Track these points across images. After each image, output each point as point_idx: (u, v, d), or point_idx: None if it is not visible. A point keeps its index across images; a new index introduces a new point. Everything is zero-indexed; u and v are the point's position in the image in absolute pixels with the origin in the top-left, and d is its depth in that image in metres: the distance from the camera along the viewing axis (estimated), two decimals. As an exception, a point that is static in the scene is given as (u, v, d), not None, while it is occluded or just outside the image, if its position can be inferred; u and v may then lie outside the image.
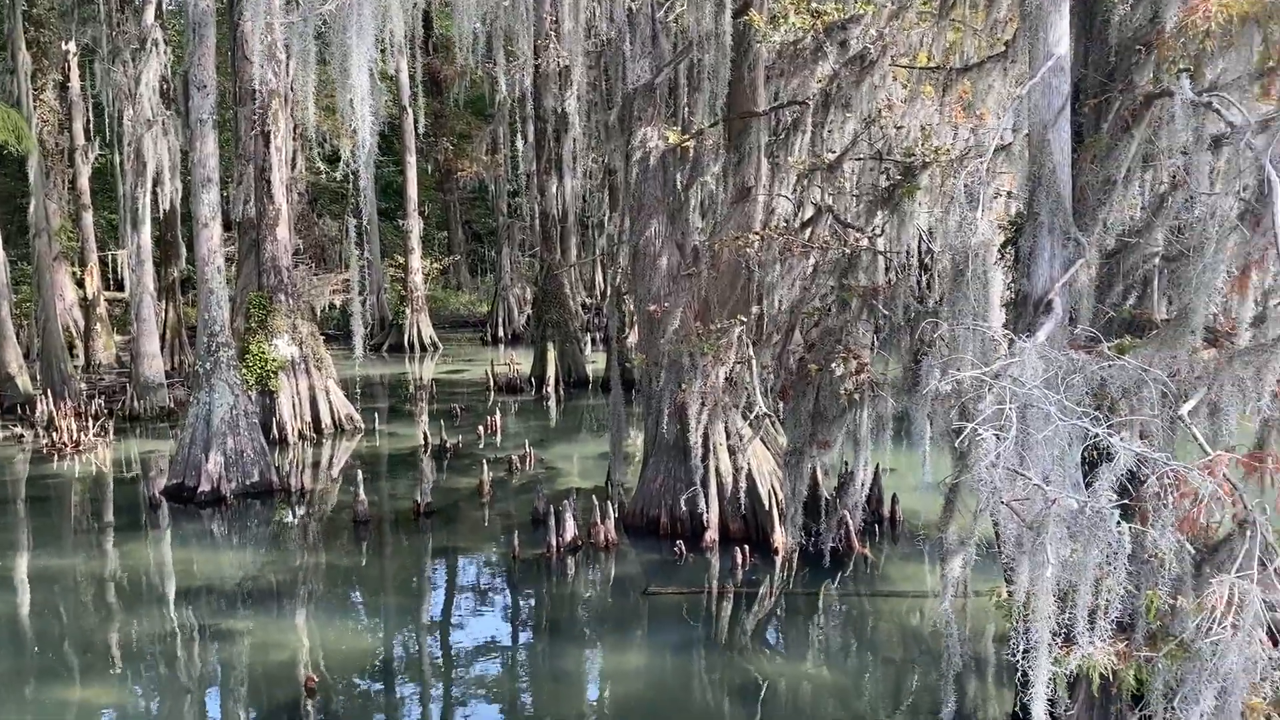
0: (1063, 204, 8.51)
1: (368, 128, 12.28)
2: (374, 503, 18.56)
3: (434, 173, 48.34)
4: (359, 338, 28.26)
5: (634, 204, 16.00)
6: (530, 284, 41.20)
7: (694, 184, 16.48)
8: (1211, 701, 7.09)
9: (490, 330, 42.75)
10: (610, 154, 19.43)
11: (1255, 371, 7.13)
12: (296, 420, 24.12)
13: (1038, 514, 5.99)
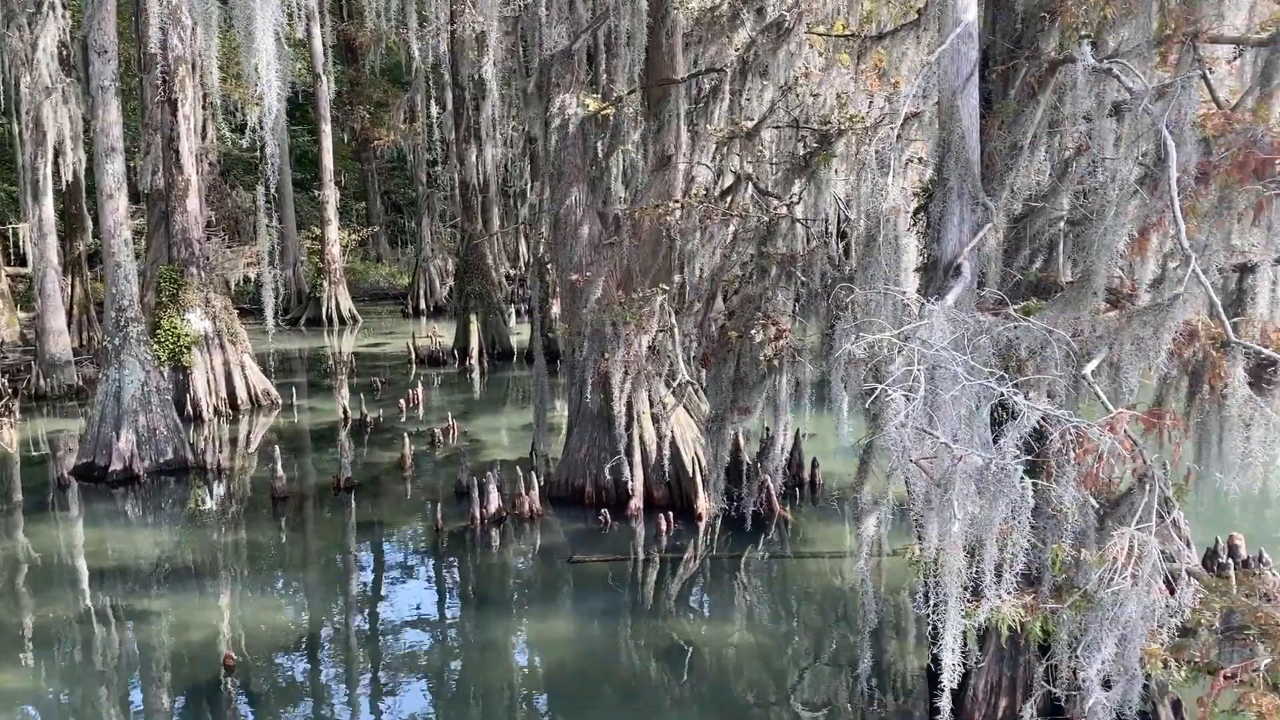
0: (971, 170, 8.67)
1: (274, 93, 11.95)
2: (293, 479, 18.26)
3: (350, 142, 47.33)
4: (270, 309, 27.63)
5: (554, 172, 15.89)
6: (452, 255, 40.69)
7: (614, 152, 16.41)
8: (1112, 649, 7.40)
9: (411, 302, 42.18)
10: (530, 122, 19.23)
11: (1154, 331, 7.39)
12: (211, 396, 23.57)
13: (945, 471, 6.15)
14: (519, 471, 16.32)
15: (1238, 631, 8.07)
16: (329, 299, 39.73)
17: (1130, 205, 8.33)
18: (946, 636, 6.52)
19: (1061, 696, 8.22)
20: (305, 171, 47.04)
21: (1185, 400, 8.88)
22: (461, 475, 17.16)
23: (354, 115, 45.01)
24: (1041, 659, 8.47)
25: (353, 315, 40.08)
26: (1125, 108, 7.76)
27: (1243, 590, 8.26)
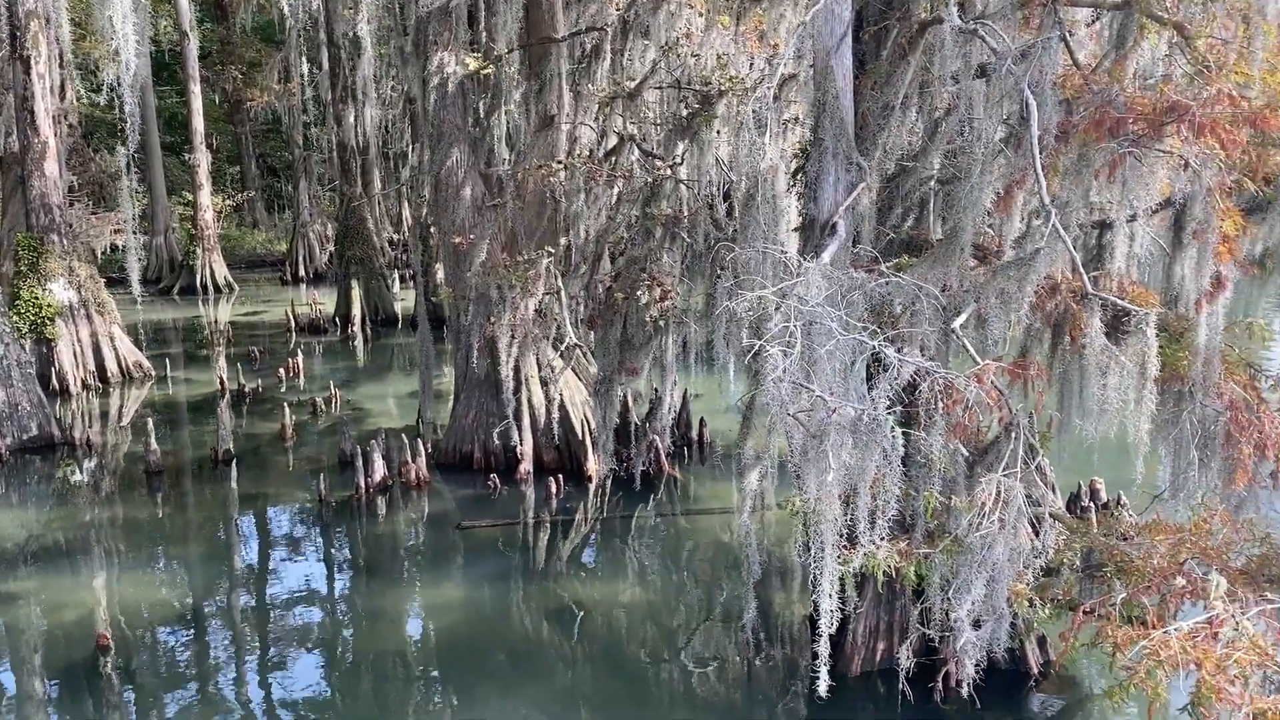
0: (846, 129, 8.84)
1: (131, 48, 11.37)
2: (168, 452, 17.65)
3: (222, 104, 45.39)
4: (135, 277, 26.43)
5: (434, 133, 15.58)
6: (331, 220, 39.56)
7: (496, 112, 16.18)
8: (982, 590, 7.75)
9: (290, 269, 40.92)
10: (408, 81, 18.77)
11: (1017, 284, 7.69)
12: (79, 369, 22.51)
13: (820, 423, 6.32)
14: (405, 439, 16.10)
15: (1097, 569, 8.54)
16: (203, 267, 38.23)
17: (996, 164, 8.62)
18: (824, 583, 6.72)
19: (935, 638, 8.58)
20: (175, 134, 44.97)
21: (1048, 351, 9.30)
22: (345, 444, 16.84)
23: (225, 75, 43.14)
24: (916, 602, 8.81)
25: (229, 283, 38.69)
26: (991, 69, 8.00)
27: (1101, 531, 8.72)
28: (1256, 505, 8.67)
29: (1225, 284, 8.21)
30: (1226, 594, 7.21)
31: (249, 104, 43.03)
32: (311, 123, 42.92)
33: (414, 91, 17.54)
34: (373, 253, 30.64)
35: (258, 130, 48.12)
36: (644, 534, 14.38)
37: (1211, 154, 7.61)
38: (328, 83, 32.78)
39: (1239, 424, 8.27)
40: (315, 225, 41.29)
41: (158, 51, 40.08)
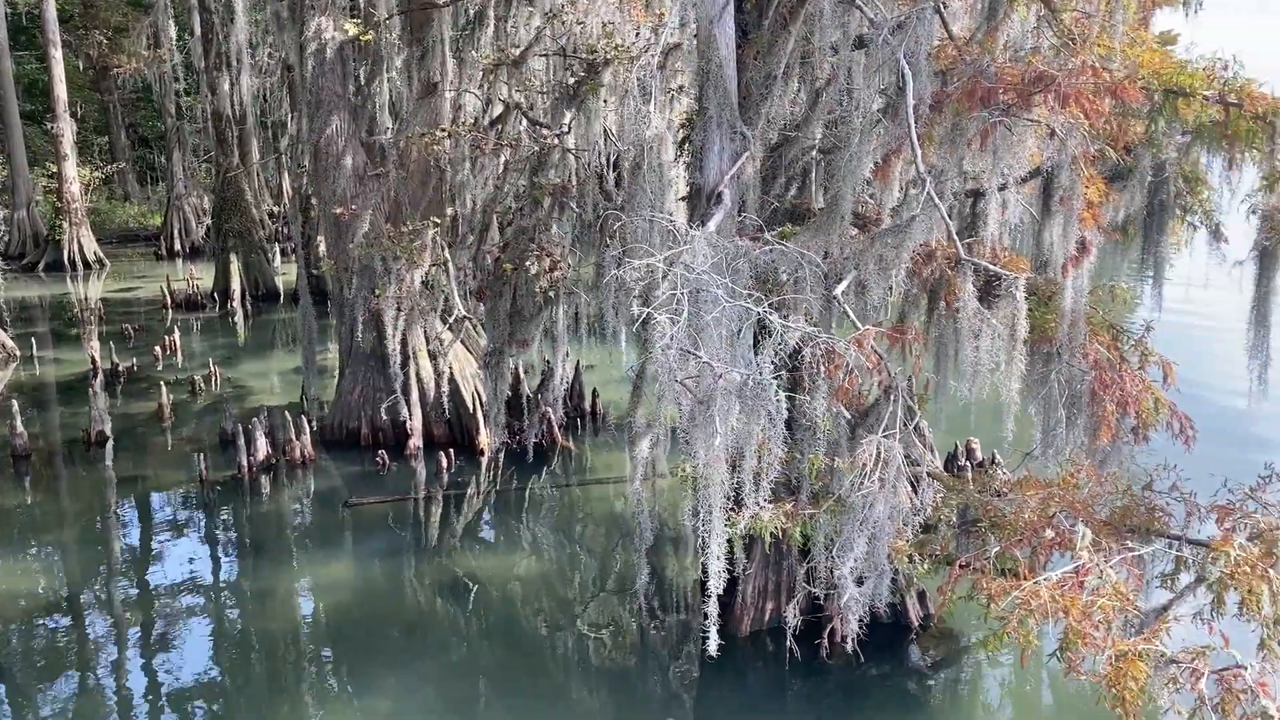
0: (730, 99, 8.90)
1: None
2: (36, 435, 16.85)
3: (87, 70, 43.10)
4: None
5: (312, 101, 15.12)
6: (208, 192, 38.09)
7: (377, 79, 15.78)
8: (864, 548, 7.99)
9: (165, 244, 39.27)
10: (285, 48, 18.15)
11: (895, 250, 7.89)
12: (-66, 352, 21.25)
13: (707, 389, 6.40)
14: (289, 417, 15.70)
15: (972, 525, 8.89)
16: (70, 242, 36.40)
17: (874, 133, 8.81)
18: (711, 545, 6.84)
19: (821, 596, 8.83)
20: (35, 102, 42.54)
21: (925, 316, 9.60)
22: (226, 423, 16.34)
23: (89, 40, 40.93)
24: (803, 562, 9.04)
25: (99, 259, 36.95)
26: (868, 39, 8.15)
27: (976, 488, 9.07)
28: (1120, 459, 9.13)
29: (1090, 249, 8.58)
30: (1092, 544, 7.59)
31: (116, 71, 40.95)
32: (184, 91, 41.15)
33: (291, 58, 16.99)
34: (252, 225, 29.65)
35: (127, 99, 45.88)
36: (538, 506, 14.38)
37: (1076, 123, 7.91)
38: (200, 49, 31.45)
39: (1103, 383, 8.69)
40: (191, 198, 39.71)
41: (14, 13, 37.84)
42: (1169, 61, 8.67)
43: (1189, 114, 8.68)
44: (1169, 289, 25.27)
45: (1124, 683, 6.46)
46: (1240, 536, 7.53)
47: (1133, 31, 9.28)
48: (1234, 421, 15.56)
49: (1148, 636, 6.82)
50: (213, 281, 29.53)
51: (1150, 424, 8.77)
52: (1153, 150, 8.98)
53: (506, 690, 9.71)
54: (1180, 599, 7.33)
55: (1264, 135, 8.42)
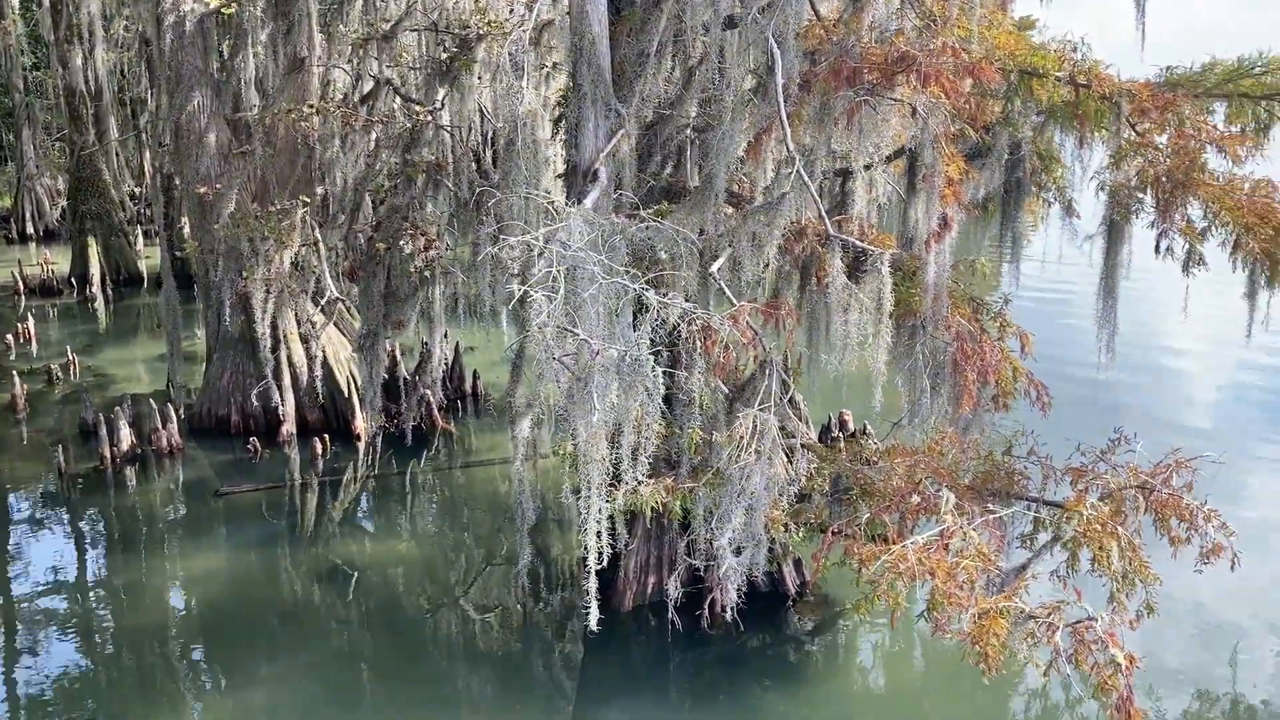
0: (604, 76, 8.89)
1: None
2: (-126, 432, 15.78)
3: (-79, 40, 40.25)
4: None
5: (172, 76, 14.47)
6: (62, 172, 36.06)
7: (241, 54, 15.17)
8: (742, 518, 8.15)
9: (16, 227, 37.05)
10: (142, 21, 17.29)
11: (767, 227, 8.03)
12: None
13: (585, 366, 6.41)
14: (154, 405, 15.09)
15: (844, 493, 9.17)
16: (-92, 225, 34.07)
17: (746, 112, 8.93)
18: (591, 521, 6.87)
19: (701, 568, 8.98)
20: None
21: (797, 291, 9.81)
22: (86, 413, 15.59)
23: (-79, 9, 38.22)
24: (683, 536, 9.17)
25: (-59, 243, 34.68)
26: (739, 19, 8.24)
27: (847, 457, 9.35)
28: (981, 427, 9.52)
29: (951, 225, 8.89)
30: (955, 508, 7.92)
31: (-47, 42, 38.34)
32: (33, 65, 38.83)
33: (149, 31, 16.21)
34: (111, 206, 28.24)
35: (-34, 72, 43.00)
36: (419, 490, 14.19)
37: (937, 103, 8.18)
38: (49, 20, 29.70)
39: (964, 353, 9.03)
40: (43, 178, 37.53)
41: None
42: (1024, 44, 9.05)
43: (1043, 94, 9.08)
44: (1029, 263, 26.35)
45: (986, 639, 6.78)
46: (1092, 497, 7.97)
47: (991, 14, 9.64)
48: (1088, 388, 16.41)
49: (1008, 594, 7.16)
50: (70, 266, 28.04)
51: (1009, 392, 9.17)
52: (1009, 129, 9.36)
53: (388, 676, 9.59)
54: (1038, 557, 7.71)
55: (1111, 115, 8.87)
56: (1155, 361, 19.45)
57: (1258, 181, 8.38)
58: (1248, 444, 15.19)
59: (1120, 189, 8.71)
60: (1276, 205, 8.19)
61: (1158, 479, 7.89)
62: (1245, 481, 13.49)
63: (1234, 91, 9.22)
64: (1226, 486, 12.90)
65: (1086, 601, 7.08)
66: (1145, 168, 8.49)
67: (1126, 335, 20.27)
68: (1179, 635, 9.73)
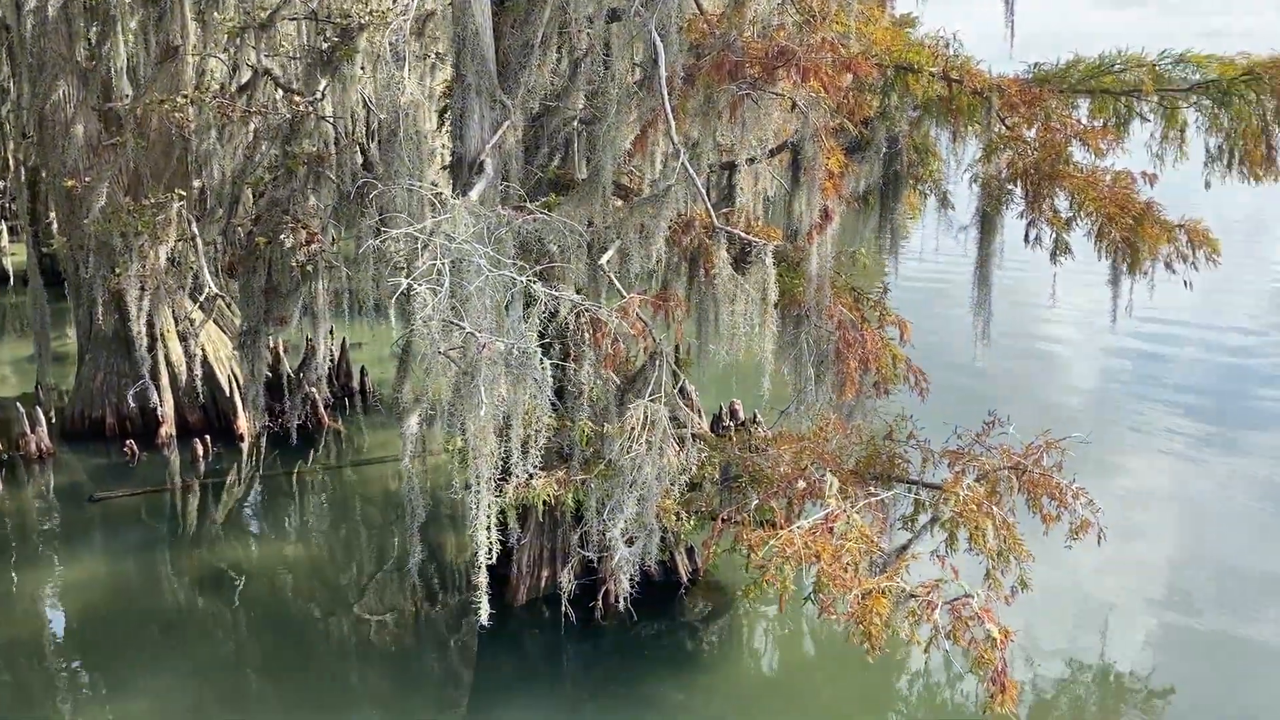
0: (488, 67, 8.81)
1: None
2: None
3: None
4: None
5: (34, 64, 13.78)
6: (-84, 164, 33.97)
7: (110, 41, 14.54)
8: (633, 508, 8.22)
9: None
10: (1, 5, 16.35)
11: (653, 219, 8.09)
12: None
13: (472, 359, 6.36)
14: (21, 408, 14.39)
15: (734, 480, 9.31)
16: None
17: (631, 105, 8.97)
18: (480, 516, 6.84)
19: (595, 559, 9.01)
20: None
21: (686, 283, 9.91)
22: (-54, 419, 14.80)
23: None
24: (576, 528, 9.19)
25: None
26: (621, 12, 8.27)
27: (736, 446, 9.49)
28: (864, 412, 9.80)
29: (832, 217, 9.10)
30: (839, 492, 8.13)
31: None
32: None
33: (8, 17, 15.40)
34: (-31, 201, 26.75)
35: None
36: (308, 490, 13.86)
37: (817, 97, 8.36)
38: (-105, 1, 27.90)
39: (846, 342, 9.27)
40: (-107, 170, 35.29)
41: None
42: (900, 40, 9.31)
43: (918, 89, 9.37)
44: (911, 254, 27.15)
45: (869, 619, 6.99)
46: (968, 478, 8.29)
47: (868, 10, 9.88)
48: (969, 374, 17.02)
49: (890, 574, 7.39)
50: (-78, 264, 26.48)
51: (889, 378, 9.45)
52: (887, 124, 9.63)
53: (277, 681, 9.37)
54: (918, 538, 7.98)
55: (982, 110, 9.20)
56: (1032, 347, 20.29)
57: (1118, 173, 8.81)
58: (1118, 424, 15.98)
59: (991, 181, 9.05)
60: (1135, 196, 8.62)
61: (1029, 459, 8.25)
62: (1117, 461, 14.20)
63: (1096, 87, 9.68)
64: (1099, 466, 13.59)
65: (965, 579, 7.36)
66: (1014, 160, 8.84)
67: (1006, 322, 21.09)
68: (1056, 609, 10.17)
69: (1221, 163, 9.68)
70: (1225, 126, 9.48)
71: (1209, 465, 14.24)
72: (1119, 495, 12.90)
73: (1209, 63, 9.38)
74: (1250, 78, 8.99)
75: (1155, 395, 17.38)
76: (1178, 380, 18.12)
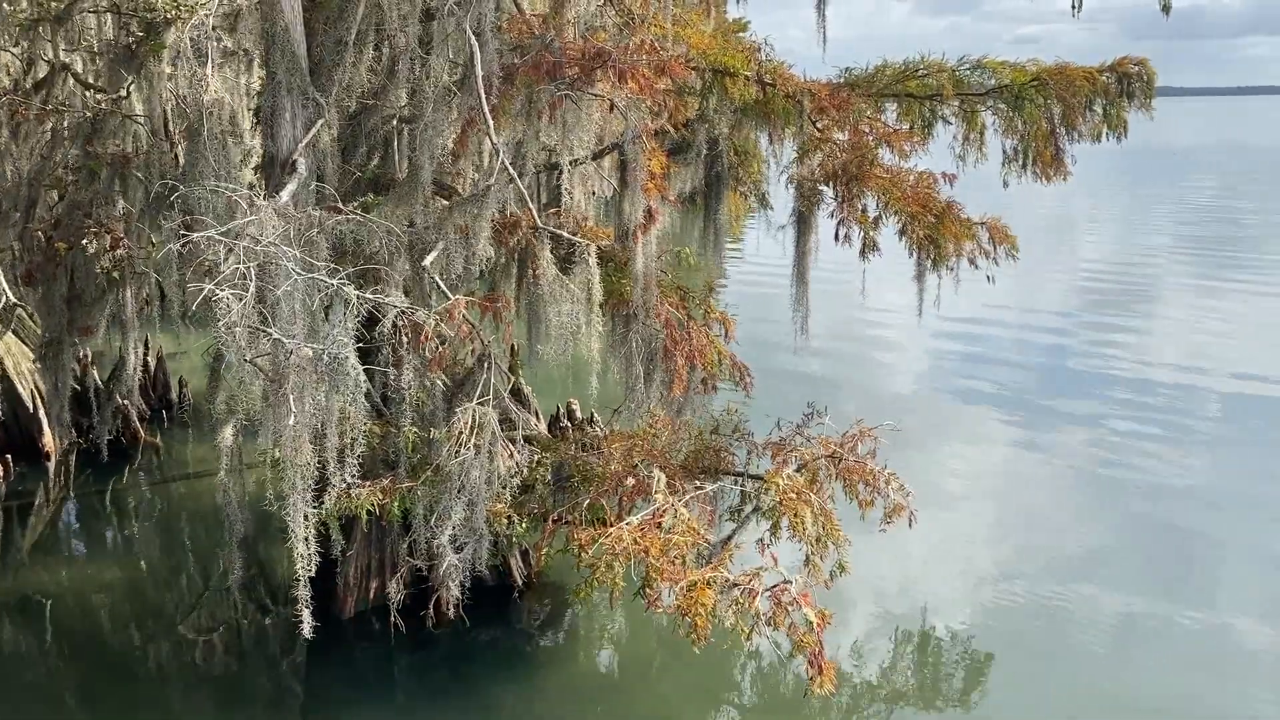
0: (299, 64, 8.53)
1: None
2: None
3: None
4: None
5: None
6: None
7: (-117, 32, 13.40)
8: (462, 514, 8.10)
9: None
10: None
11: (474, 219, 8.01)
12: None
13: (280, 366, 6.15)
14: None
15: (567, 481, 9.31)
16: None
17: (451, 104, 8.86)
18: (297, 529, 6.61)
19: (424, 567, 8.84)
20: None
21: (515, 284, 9.86)
22: None
23: None
24: (405, 536, 9.00)
25: None
26: (435, 10, 8.15)
27: (569, 445, 9.50)
28: (693, 408, 9.95)
29: (656, 217, 9.19)
30: (667, 487, 8.24)
31: None
32: None
33: None
34: None
35: None
36: (126, 509, 13.12)
37: (636, 99, 8.44)
38: None
39: (674, 340, 9.41)
40: None
41: None
42: (717, 43, 9.51)
43: (735, 93, 9.59)
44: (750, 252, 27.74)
45: (695, 609, 7.10)
46: (790, 468, 8.55)
47: (687, 13, 10.07)
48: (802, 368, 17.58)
49: (715, 565, 7.54)
50: None
51: (715, 374, 9.63)
52: (707, 126, 9.82)
53: (94, 709, 8.83)
54: (742, 528, 8.17)
55: (795, 113, 9.50)
56: (866, 341, 21.16)
57: (920, 174, 9.25)
58: (944, 411, 16.83)
59: (804, 182, 9.36)
60: (936, 195, 9.07)
61: (845, 448, 8.57)
62: (943, 446, 14.95)
63: (901, 92, 10.15)
64: (926, 451, 14.29)
65: (791, 566, 7.58)
66: (825, 162, 9.16)
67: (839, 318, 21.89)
68: (884, 590, 10.60)
69: (1017, 163, 10.31)
70: (1019, 129, 10.10)
71: (1027, 447, 15.19)
72: (945, 478, 13.59)
73: (1003, 69, 9.97)
74: (1038, 83, 9.59)
75: (977, 383, 18.44)
76: (997, 370, 19.27)
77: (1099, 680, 9.06)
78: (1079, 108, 9.55)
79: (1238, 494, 13.24)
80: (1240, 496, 13.13)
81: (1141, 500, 13.09)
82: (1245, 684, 9.01)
